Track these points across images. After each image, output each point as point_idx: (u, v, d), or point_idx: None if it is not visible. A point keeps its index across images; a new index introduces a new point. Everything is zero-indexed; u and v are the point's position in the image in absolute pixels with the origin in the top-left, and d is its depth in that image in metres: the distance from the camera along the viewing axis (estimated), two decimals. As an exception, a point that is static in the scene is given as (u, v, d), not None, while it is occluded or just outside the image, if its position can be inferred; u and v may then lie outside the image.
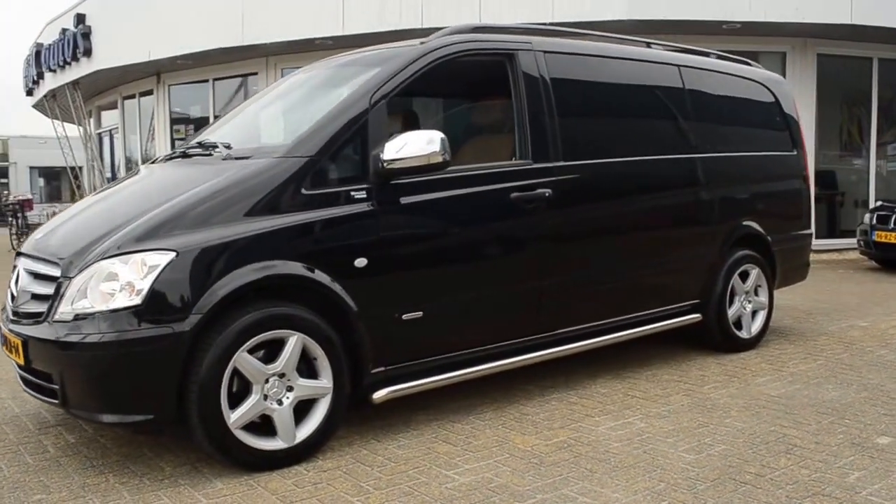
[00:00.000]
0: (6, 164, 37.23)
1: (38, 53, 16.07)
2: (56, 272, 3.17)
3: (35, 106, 18.69)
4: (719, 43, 10.25)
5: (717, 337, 5.07)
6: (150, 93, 14.54)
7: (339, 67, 4.15)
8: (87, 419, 3.15)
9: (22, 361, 3.21)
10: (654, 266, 4.64)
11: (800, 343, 5.46)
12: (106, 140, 17.18)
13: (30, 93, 17.78)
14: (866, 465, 3.17)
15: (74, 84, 14.95)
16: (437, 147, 3.43)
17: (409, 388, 3.62)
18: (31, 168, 36.21)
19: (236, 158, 3.50)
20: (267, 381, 3.19)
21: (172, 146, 13.13)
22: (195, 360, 3.02)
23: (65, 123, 18.04)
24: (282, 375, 3.22)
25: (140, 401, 3.02)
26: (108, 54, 13.48)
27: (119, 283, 2.98)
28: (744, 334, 5.18)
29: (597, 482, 3.04)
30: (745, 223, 5.15)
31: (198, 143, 3.97)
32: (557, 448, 3.43)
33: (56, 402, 3.14)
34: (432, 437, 3.59)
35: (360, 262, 3.39)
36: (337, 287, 3.33)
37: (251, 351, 3.16)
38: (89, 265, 3.06)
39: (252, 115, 4.34)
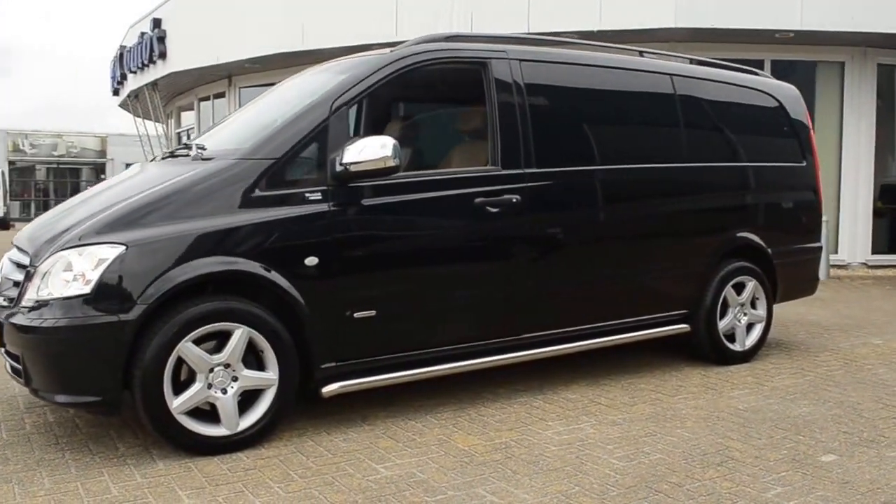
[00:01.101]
0: (104, 160, 39.47)
1: (121, 55, 17.13)
2: (27, 261, 3.46)
3: (121, 105, 19.88)
4: (773, 52, 10.05)
5: (707, 349, 4.99)
6: (222, 95, 15.25)
7: (318, 74, 4.32)
8: (46, 399, 3.41)
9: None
10: (633, 275, 4.61)
11: (799, 357, 5.30)
12: (185, 139, 18.11)
13: (116, 93, 18.99)
14: (794, 482, 3.10)
15: (153, 85, 15.86)
16: (388, 152, 3.57)
17: (359, 384, 3.75)
18: (127, 164, 38.23)
19: (203, 159, 3.72)
20: (212, 370, 3.38)
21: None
22: (141, 347, 3.24)
23: (145, 121, 19.13)
24: (227, 366, 3.41)
25: (88, 383, 3.26)
26: (180, 57, 14.23)
27: (73, 273, 3.24)
28: (737, 347, 5.08)
29: (514, 483, 3.10)
30: (740, 234, 5.05)
31: (184, 144, 4.22)
32: (494, 449, 3.49)
33: (23, 382, 3.42)
34: (380, 433, 3.71)
35: (311, 260, 3.55)
36: (285, 283, 3.49)
37: (201, 341, 3.37)
38: (52, 255, 3.32)
39: (243, 118, 4.55)
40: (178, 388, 3.35)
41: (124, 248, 3.25)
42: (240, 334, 3.40)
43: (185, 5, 14.40)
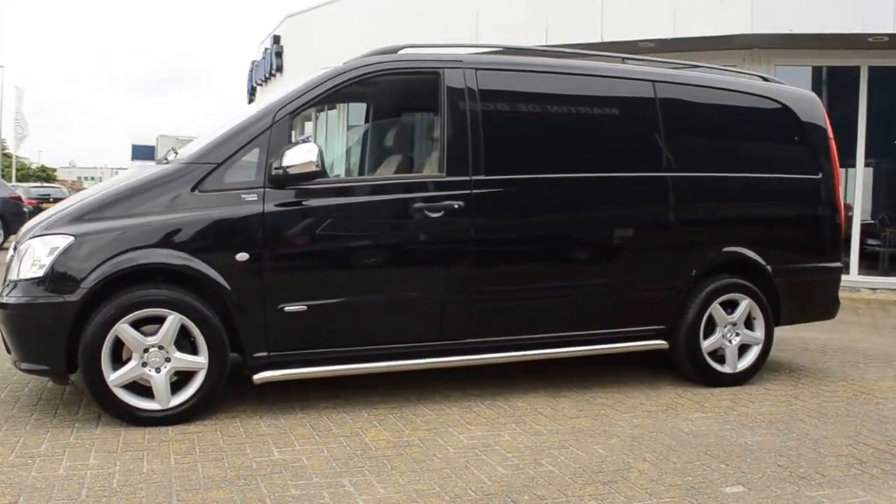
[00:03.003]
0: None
1: (251, 70, 18.61)
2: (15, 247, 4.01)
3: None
4: (869, 58, 9.32)
5: (689, 368, 4.78)
6: (334, 106, 16.14)
7: (283, 86, 4.60)
8: (17, 368, 3.89)
9: None
10: (596, 286, 4.51)
11: (805, 384, 4.93)
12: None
13: (250, 103, 20.60)
14: (660, 507, 2.98)
15: (276, 97, 17.15)
16: (313, 157, 3.81)
17: (289, 374, 3.99)
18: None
19: (165, 163, 4.11)
20: (147, 350, 3.74)
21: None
22: (84, 326, 3.66)
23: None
24: (161, 348, 3.76)
25: (40, 354, 3.73)
26: (294, 71, 15.23)
27: (34, 258, 3.72)
28: (726, 369, 4.81)
29: (382, 477, 3.20)
30: (728, 249, 4.79)
31: (172, 149, 4.66)
32: (395, 445, 3.60)
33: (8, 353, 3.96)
34: (305, 421, 3.91)
35: (242, 256, 3.83)
36: (216, 275, 3.79)
37: (144, 323, 3.74)
38: (25, 242, 3.83)
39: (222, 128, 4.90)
40: (121, 365, 3.74)
41: (73, 238, 3.69)
42: (172, 320, 3.74)
43: (299, 22, 15.46)
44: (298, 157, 3.81)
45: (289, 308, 3.92)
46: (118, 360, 3.75)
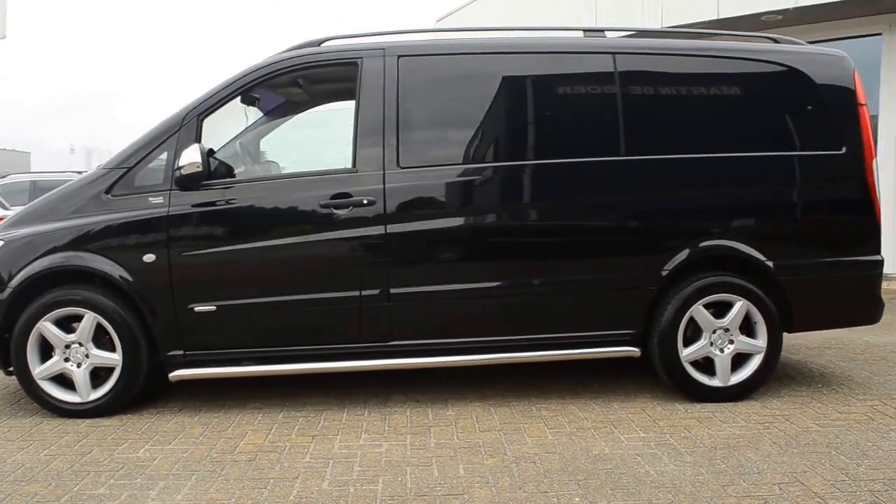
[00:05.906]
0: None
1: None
2: None
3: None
4: None
5: (666, 380, 4.09)
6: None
7: None
8: None
9: None
10: (536, 285, 4.00)
11: (819, 402, 3.99)
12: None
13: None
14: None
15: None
16: (197, 158, 3.82)
17: (203, 373, 4.03)
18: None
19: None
20: (69, 347, 4.01)
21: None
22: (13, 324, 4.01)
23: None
24: (81, 344, 4.01)
25: None
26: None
27: None
28: (715, 382, 4.04)
29: (198, 484, 3.12)
30: (710, 243, 4.00)
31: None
32: (258, 451, 3.50)
33: None
34: (210, 420, 3.95)
35: (149, 257, 3.95)
36: (126, 276, 3.94)
37: (72, 321, 4.02)
38: None
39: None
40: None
41: (2, 242, 4.05)
42: (87, 318, 3.96)
43: (448, 23, 15.59)
44: (184, 158, 3.85)
45: (198, 308, 3.97)
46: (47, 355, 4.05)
